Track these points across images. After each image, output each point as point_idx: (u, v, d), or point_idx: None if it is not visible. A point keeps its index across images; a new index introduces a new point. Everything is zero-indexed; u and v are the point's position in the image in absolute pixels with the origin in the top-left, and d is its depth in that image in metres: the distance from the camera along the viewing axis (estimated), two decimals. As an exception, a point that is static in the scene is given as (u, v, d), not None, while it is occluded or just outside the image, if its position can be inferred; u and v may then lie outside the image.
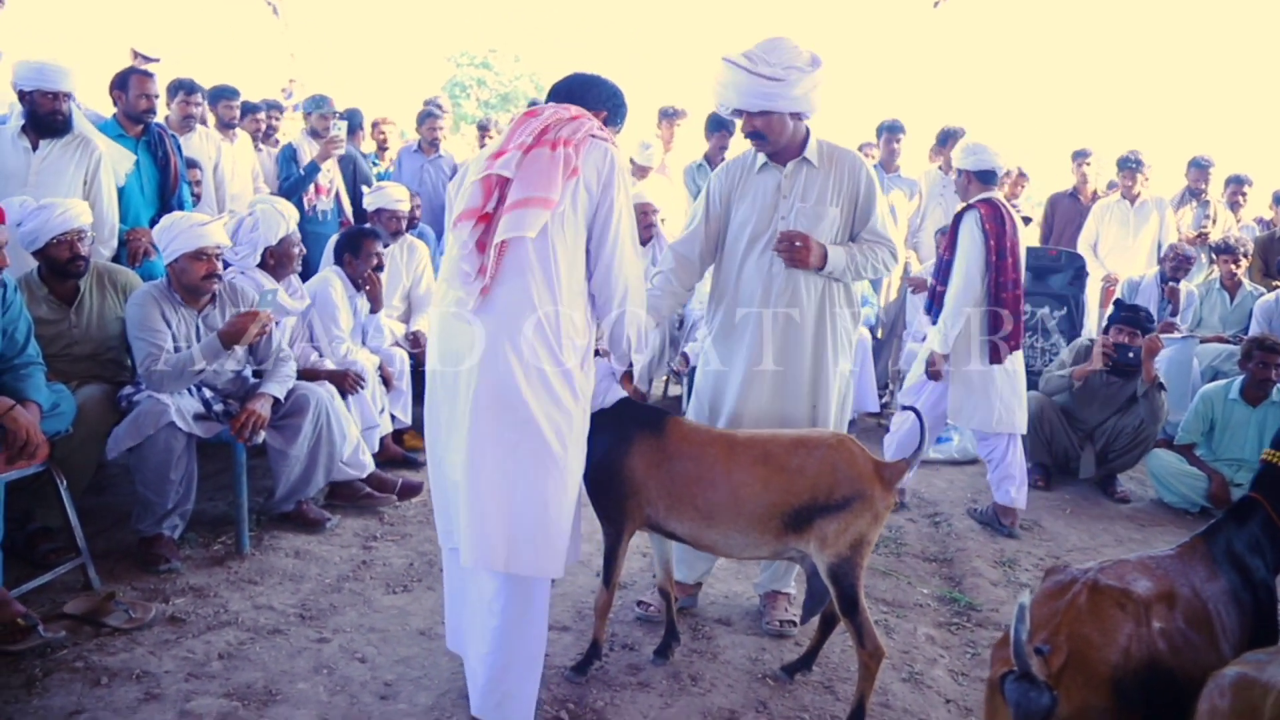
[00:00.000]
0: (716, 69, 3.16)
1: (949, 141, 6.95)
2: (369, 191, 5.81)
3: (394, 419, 5.18)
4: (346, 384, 4.56)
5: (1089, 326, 6.93)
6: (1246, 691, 1.82)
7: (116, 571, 3.70)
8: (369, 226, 5.37)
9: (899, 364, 6.93)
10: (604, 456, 2.92)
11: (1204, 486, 5.19)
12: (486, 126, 8.33)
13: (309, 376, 4.44)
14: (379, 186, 5.83)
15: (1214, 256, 6.93)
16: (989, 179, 4.71)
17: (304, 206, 6.20)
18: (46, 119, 4.39)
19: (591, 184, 2.60)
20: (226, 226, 4.34)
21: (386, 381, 5.08)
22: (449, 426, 2.64)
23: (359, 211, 6.47)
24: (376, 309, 5.18)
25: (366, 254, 5.00)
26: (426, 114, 7.62)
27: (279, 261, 4.64)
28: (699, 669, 3.22)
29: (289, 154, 6.54)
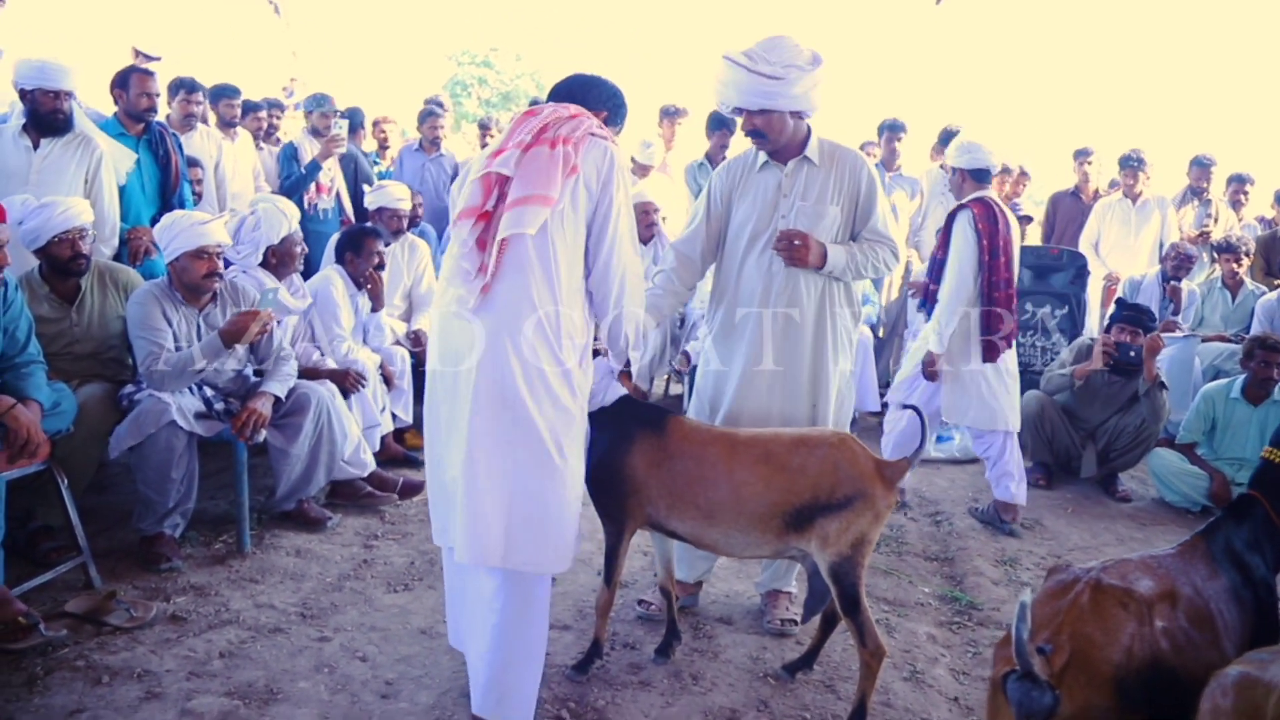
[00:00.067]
0: (717, 67, 3.16)
1: (951, 141, 6.93)
2: (370, 190, 5.82)
3: (395, 418, 5.18)
4: (348, 383, 4.57)
5: (1090, 325, 6.93)
6: (1249, 691, 1.82)
7: (118, 570, 3.70)
8: (370, 225, 5.36)
9: (900, 363, 6.92)
10: (605, 455, 2.92)
11: (1205, 486, 5.19)
12: (488, 125, 8.34)
13: (310, 375, 4.44)
14: (380, 185, 5.84)
15: (1216, 255, 6.92)
16: (983, 177, 4.74)
17: (305, 205, 6.20)
18: (48, 118, 4.38)
19: (591, 182, 2.59)
20: (228, 225, 4.34)
21: (388, 380, 5.08)
22: (448, 424, 2.64)
23: (360, 210, 6.47)
24: (378, 307, 5.18)
25: (368, 253, 5.00)
26: (427, 112, 7.62)
27: (281, 260, 4.64)
28: (700, 668, 3.22)
29: (290, 152, 6.55)
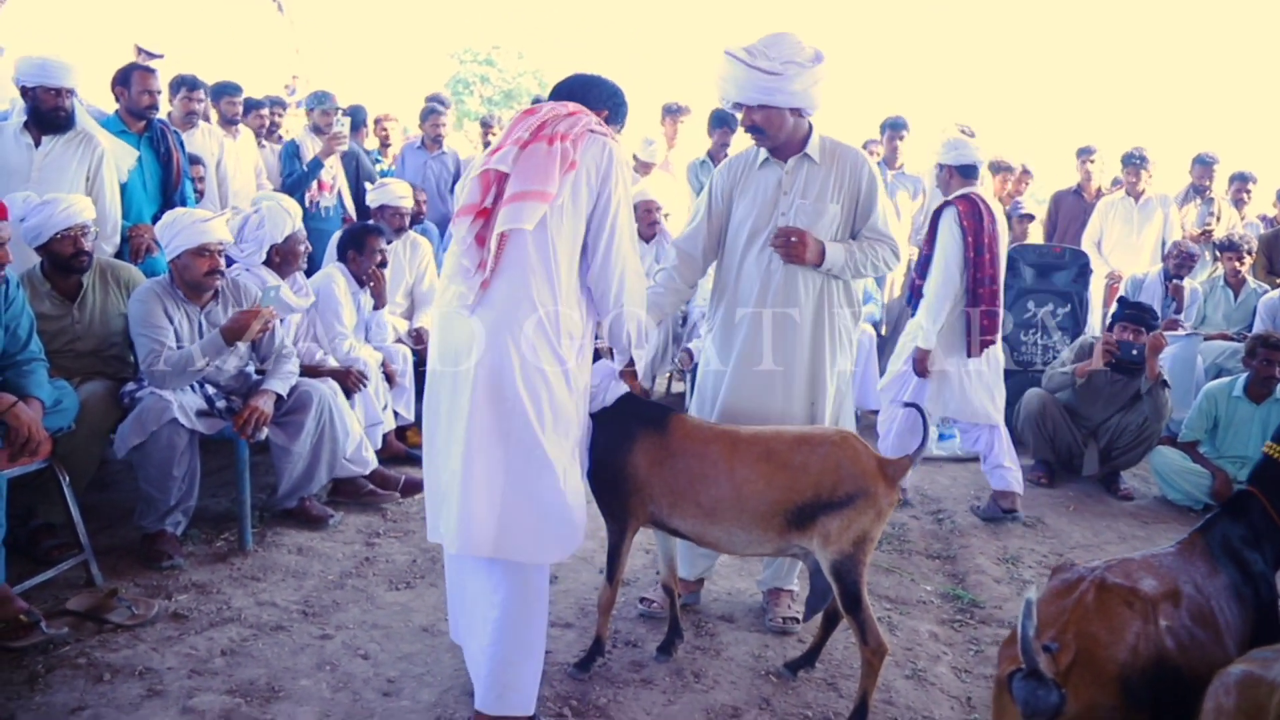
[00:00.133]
0: (718, 62, 3.16)
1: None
2: (372, 188, 5.81)
3: (397, 415, 5.17)
4: (349, 382, 4.56)
5: (1093, 324, 6.92)
6: (1252, 690, 1.82)
7: (119, 568, 3.70)
8: (372, 223, 5.36)
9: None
10: (607, 454, 2.92)
11: (1208, 484, 5.18)
12: (490, 123, 8.33)
13: (312, 373, 4.43)
14: (382, 183, 5.83)
15: (1218, 254, 6.91)
16: (970, 173, 4.84)
17: (307, 203, 6.20)
18: (49, 115, 4.38)
19: (590, 177, 2.60)
20: (230, 223, 4.34)
21: (390, 378, 5.07)
22: (449, 421, 2.64)
23: (362, 208, 6.47)
24: (380, 305, 5.18)
25: (370, 250, 4.99)
26: (429, 110, 7.62)
27: (284, 259, 4.64)
28: (702, 666, 3.22)
29: (292, 150, 6.55)
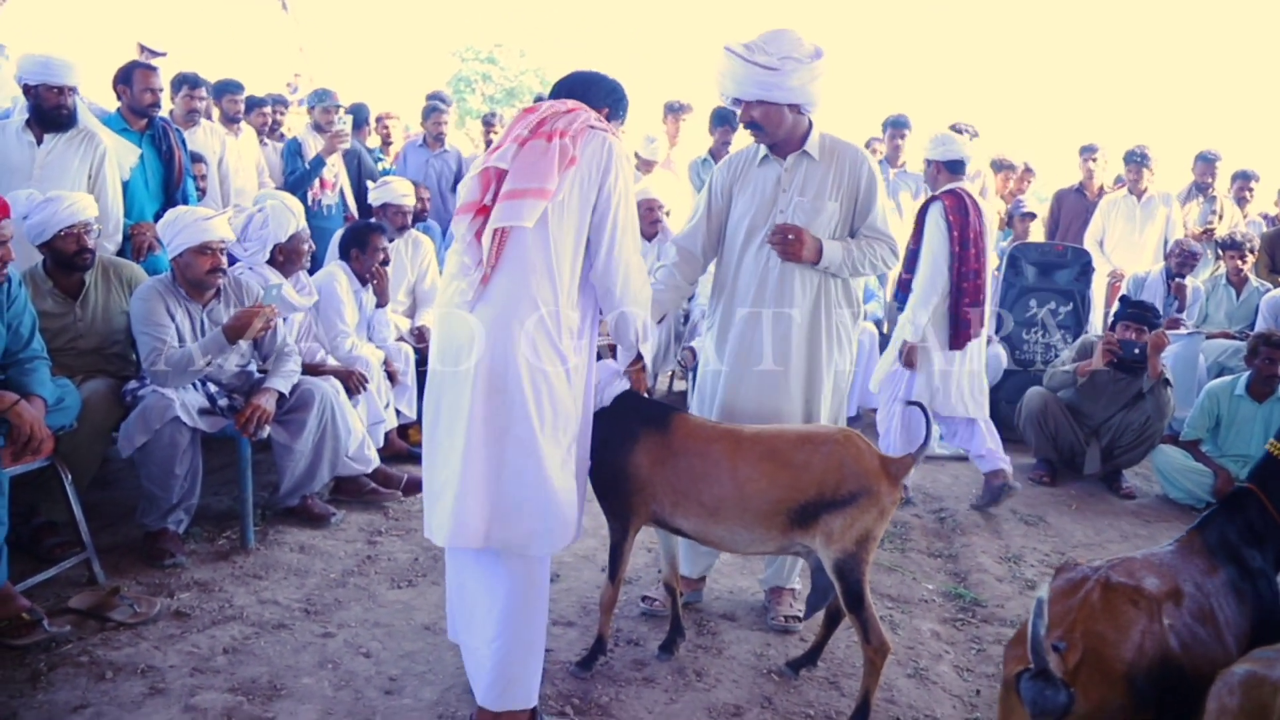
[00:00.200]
0: (718, 58, 3.16)
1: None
2: (374, 186, 5.80)
3: (399, 414, 5.17)
4: (351, 383, 4.55)
5: (1095, 322, 6.92)
6: (1256, 690, 1.82)
7: (121, 566, 3.70)
8: (374, 221, 5.35)
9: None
10: (610, 453, 2.91)
11: (1209, 482, 5.18)
12: (492, 121, 8.29)
13: (313, 372, 4.43)
14: (384, 181, 5.83)
15: (1220, 252, 6.91)
16: (957, 169, 4.91)
17: (309, 201, 6.21)
18: (51, 113, 4.39)
19: (590, 172, 2.60)
20: (234, 222, 4.34)
21: (391, 377, 5.07)
22: (450, 417, 2.64)
23: (363, 206, 6.47)
24: (383, 303, 5.18)
25: (373, 249, 4.98)
26: (431, 108, 7.62)
27: (288, 258, 4.64)
28: (704, 664, 3.22)
29: (294, 148, 6.55)
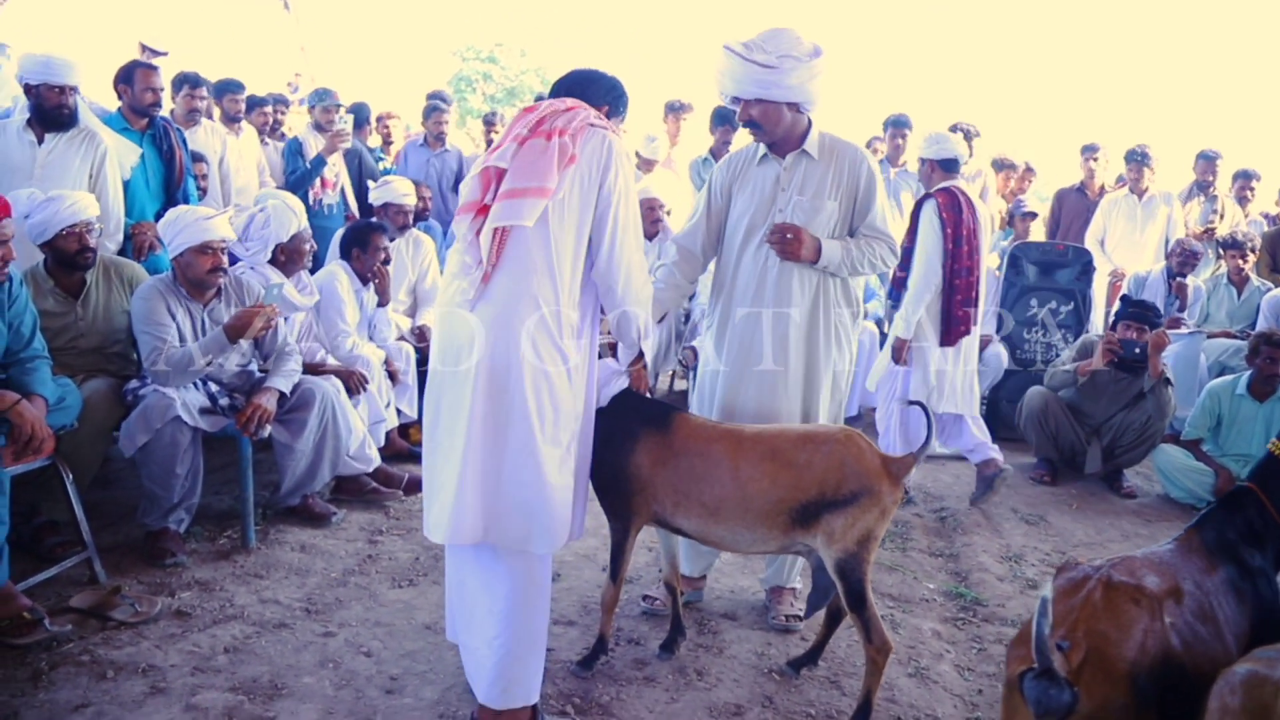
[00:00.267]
0: (717, 56, 3.16)
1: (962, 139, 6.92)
2: (375, 186, 5.80)
3: (400, 413, 5.17)
4: (352, 382, 4.54)
5: (1095, 322, 6.91)
6: (1257, 689, 1.81)
7: (122, 565, 3.71)
8: (375, 221, 5.35)
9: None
10: (611, 453, 2.91)
11: (1210, 482, 5.18)
12: (493, 120, 8.29)
13: (314, 372, 4.43)
14: (385, 181, 5.82)
15: (1221, 251, 6.90)
16: (951, 167, 4.96)
17: (309, 200, 6.21)
18: (53, 113, 4.39)
19: (590, 170, 2.60)
20: (235, 222, 4.34)
21: (392, 376, 5.07)
22: (450, 415, 2.64)
23: (364, 205, 6.47)
24: (384, 302, 5.17)
25: (375, 248, 4.98)
26: (432, 108, 7.62)
27: (290, 258, 4.64)
28: (705, 664, 3.22)
29: (294, 147, 6.56)
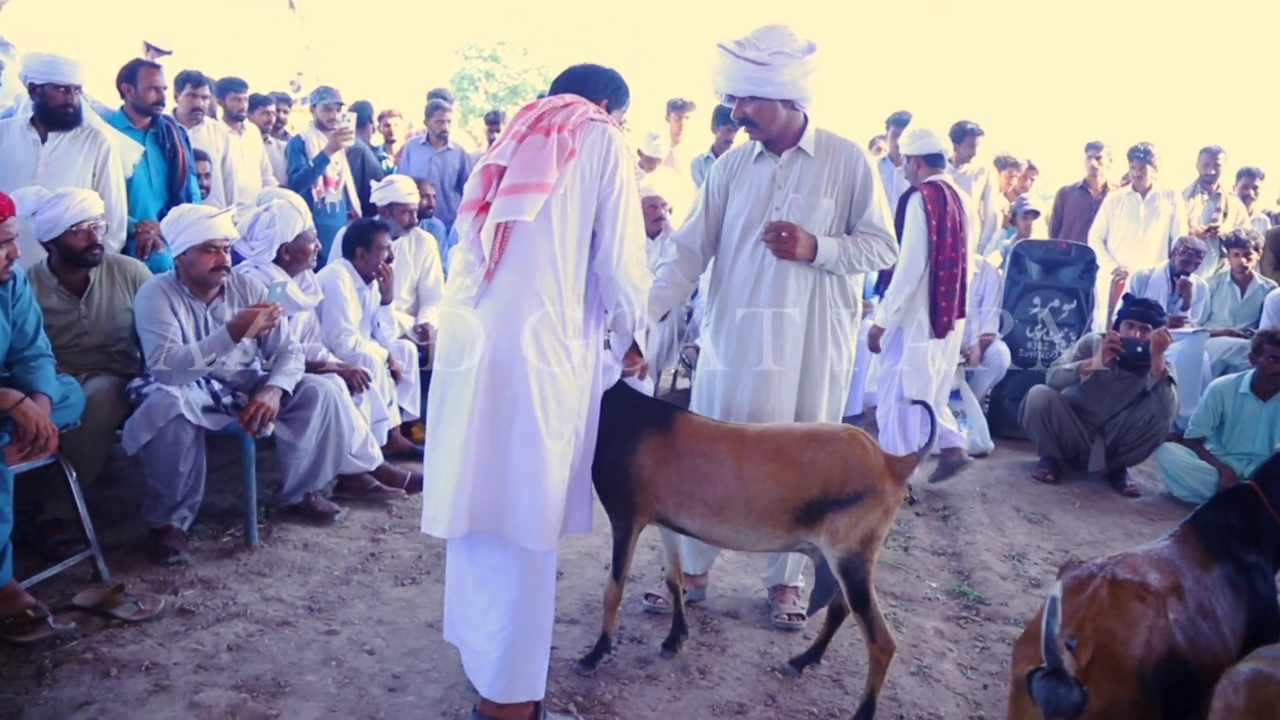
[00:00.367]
0: (711, 54, 3.16)
1: (964, 138, 6.91)
2: (378, 186, 5.79)
3: (402, 411, 5.17)
4: (355, 381, 4.54)
5: (1098, 320, 6.90)
6: (1261, 689, 1.81)
7: (126, 563, 3.71)
8: (378, 219, 5.34)
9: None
10: (613, 452, 2.91)
11: (1214, 480, 5.17)
12: (496, 119, 8.28)
13: (317, 370, 4.43)
14: (389, 181, 5.81)
15: (1225, 250, 6.89)
16: (936, 162, 5.03)
17: (312, 199, 6.21)
18: (58, 112, 4.39)
19: (591, 164, 2.60)
20: (239, 220, 4.34)
21: (395, 374, 5.07)
22: (453, 412, 2.65)
23: (367, 204, 6.47)
24: (387, 301, 5.17)
25: (378, 247, 4.97)
26: (434, 106, 7.61)
27: (294, 257, 4.63)
28: (707, 662, 3.22)
29: (297, 146, 6.56)
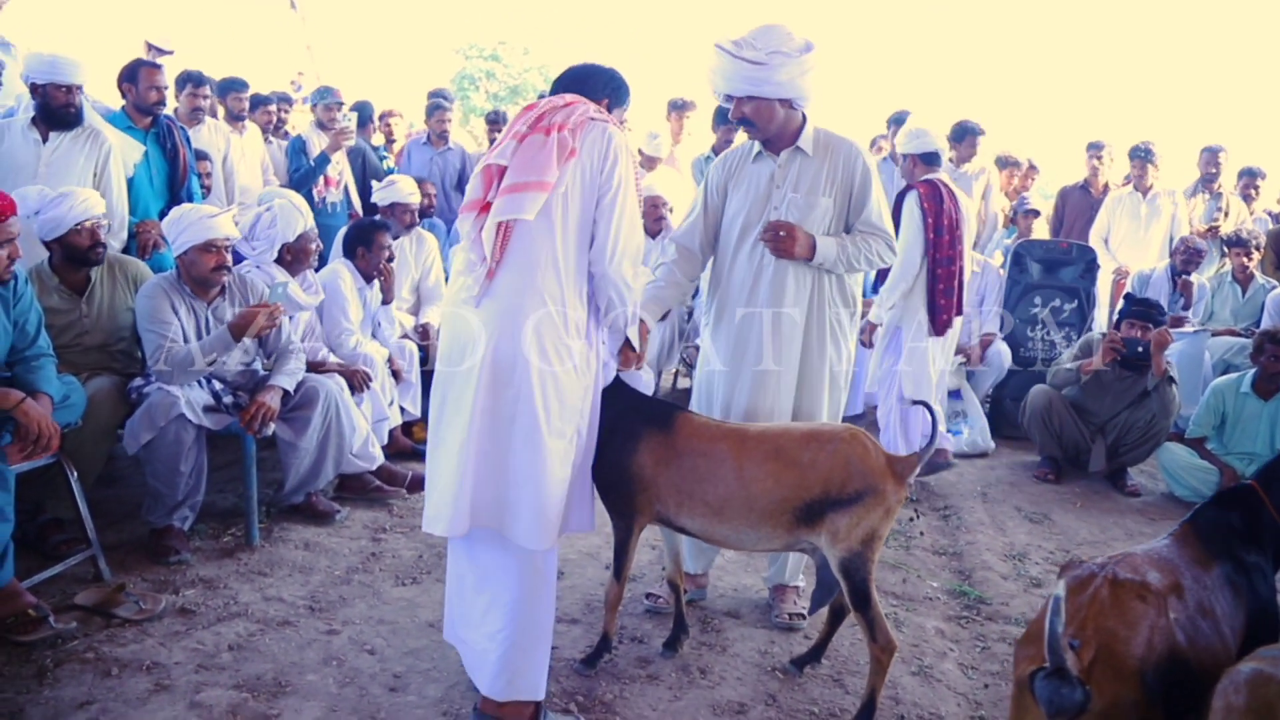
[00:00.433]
0: (709, 55, 3.16)
1: (964, 137, 6.90)
2: (379, 186, 5.78)
3: (403, 411, 5.17)
4: (355, 381, 4.54)
5: (1099, 319, 6.90)
6: (1262, 688, 1.81)
7: (127, 563, 3.71)
8: (379, 219, 5.34)
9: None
10: (614, 452, 2.91)
11: (1215, 480, 5.16)
12: (497, 119, 8.27)
13: (318, 370, 4.43)
14: (390, 181, 5.80)
15: (1226, 249, 6.89)
16: (932, 160, 5.06)
17: (313, 199, 6.21)
18: (59, 112, 4.39)
19: (592, 162, 2.60)
20: (240, 220, 4.34)
21: (396, 374, 5.07)
22: (454, 411, 2.65)
23: (368, 204, 6.47)
24: (388, 300, 5.17)
25: (378, 247, 4.97)
26: (435, 105, 7.61)
27: (296, 257, 4.64)
28: (708, 662, 3.22)
29: (298, 146, 6.56)
